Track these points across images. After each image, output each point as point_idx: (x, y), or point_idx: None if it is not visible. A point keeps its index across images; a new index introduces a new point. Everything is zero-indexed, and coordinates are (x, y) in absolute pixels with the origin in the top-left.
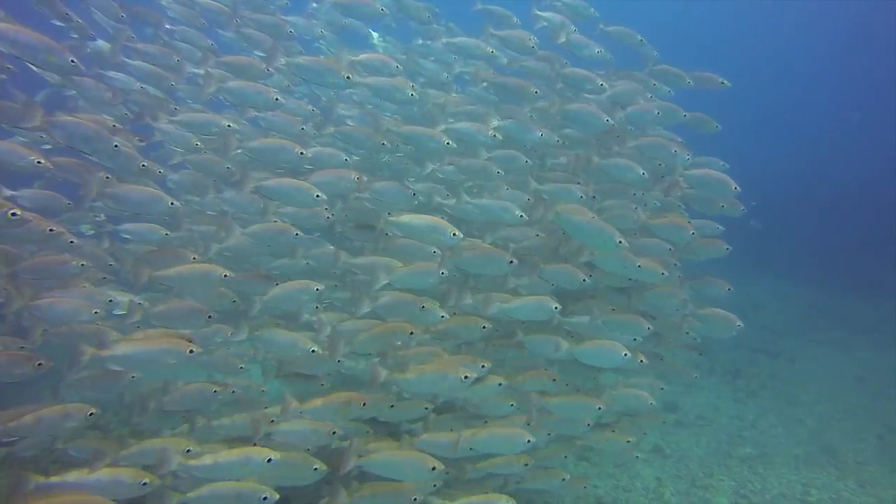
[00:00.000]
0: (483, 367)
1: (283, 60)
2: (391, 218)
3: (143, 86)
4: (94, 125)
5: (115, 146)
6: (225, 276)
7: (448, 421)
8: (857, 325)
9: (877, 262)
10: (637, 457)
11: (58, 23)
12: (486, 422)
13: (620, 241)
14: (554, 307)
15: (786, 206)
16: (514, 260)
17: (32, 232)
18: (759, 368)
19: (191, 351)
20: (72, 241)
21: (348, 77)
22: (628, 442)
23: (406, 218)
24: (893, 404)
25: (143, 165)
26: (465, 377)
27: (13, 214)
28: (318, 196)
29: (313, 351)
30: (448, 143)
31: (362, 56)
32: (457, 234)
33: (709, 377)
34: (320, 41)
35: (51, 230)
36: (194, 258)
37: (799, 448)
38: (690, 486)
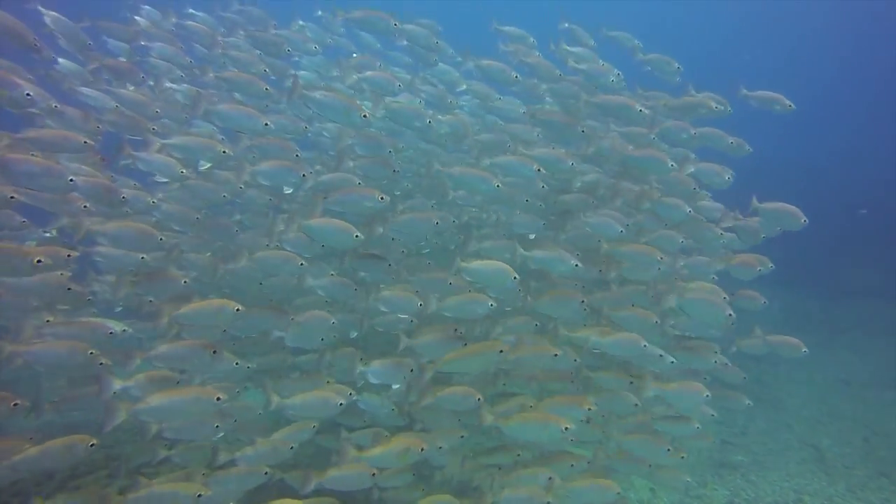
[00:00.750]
0: (589, 409)
1: (301, 92)
2: (464, 264)
3: (119, 106)
4: (41, 162)
5: (71, 180)
6: (238, 309)
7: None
8: (836, 326)
9: (853, 264)
10: (688, 480)
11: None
12: (518, 455)
13: (731, 315)
14: (643, 345)
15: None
16: (584, 300)
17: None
18: (745, 373)
19: (218, 398)
20: (69, 287)
21: (365, 116)
22: (682, 458)
23: (476, 264)
24: (876, 406)
25: (124, 198)
26: (566, 428)
27: (38, 262)
28: (357, 236)
29: (341, 404)
30: (499, 186)
31: (368, 73)
32: (517, 277)
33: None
34: (298, 57)
35: (69, 255)
36: (185, 282)
37: (789, 454)
38: (684, 497)
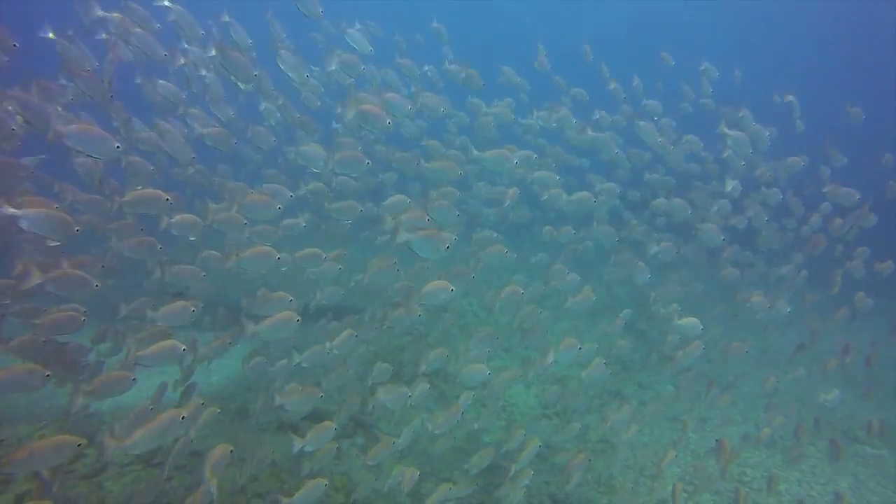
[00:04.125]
0: None
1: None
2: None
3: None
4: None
5: None
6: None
7: None
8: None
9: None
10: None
11: None
12: None
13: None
14: None
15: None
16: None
17: None
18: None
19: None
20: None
21: (448, 248)
22: None
23: None
24: (805, 382)
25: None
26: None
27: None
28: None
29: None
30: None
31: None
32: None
33: (645, 361)
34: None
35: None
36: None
37: (732, 429)
38: (639, 476)
